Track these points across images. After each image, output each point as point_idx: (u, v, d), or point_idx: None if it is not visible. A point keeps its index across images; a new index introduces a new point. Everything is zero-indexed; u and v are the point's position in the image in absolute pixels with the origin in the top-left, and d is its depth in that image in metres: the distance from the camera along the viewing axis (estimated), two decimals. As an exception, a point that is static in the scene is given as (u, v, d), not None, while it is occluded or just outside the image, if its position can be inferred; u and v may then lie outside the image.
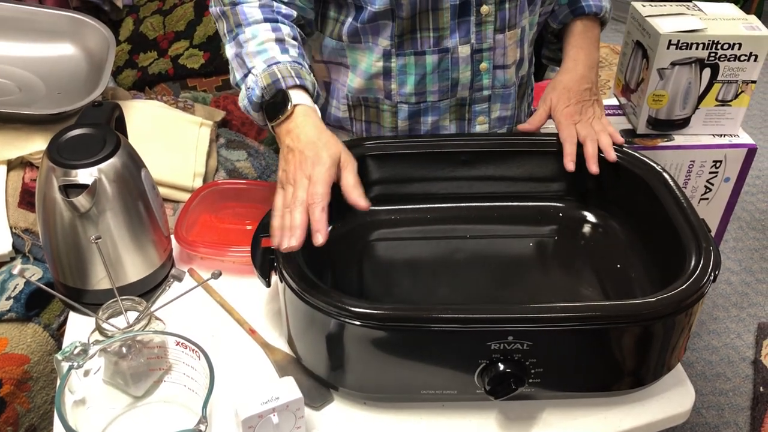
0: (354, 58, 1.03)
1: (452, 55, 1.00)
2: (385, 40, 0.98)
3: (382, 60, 1.00)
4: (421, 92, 1.03)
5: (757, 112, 3.02)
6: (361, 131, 1.10)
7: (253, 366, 0.89)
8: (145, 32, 1.85)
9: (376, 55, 1.00)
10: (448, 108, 1.06)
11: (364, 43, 1.00)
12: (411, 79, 1.02)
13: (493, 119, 1.09)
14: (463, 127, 1.09)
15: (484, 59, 1.02)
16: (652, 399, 0.85)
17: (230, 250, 1.01)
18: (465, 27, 0.98)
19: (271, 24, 0.91)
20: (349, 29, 0.99)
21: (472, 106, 1.06)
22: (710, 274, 0.80)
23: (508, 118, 1.11)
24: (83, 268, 0.92)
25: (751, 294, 2.09)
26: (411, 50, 0.99)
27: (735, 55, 1.37)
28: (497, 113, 1.09)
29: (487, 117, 1.08)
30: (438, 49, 0.99)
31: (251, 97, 0.89)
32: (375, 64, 1.01)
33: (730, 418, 1.72)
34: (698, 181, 1.50)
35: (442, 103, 1.05)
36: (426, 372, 0.79)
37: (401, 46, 0.99)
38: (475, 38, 1.00)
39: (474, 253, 1.00)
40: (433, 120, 1.06)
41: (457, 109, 1.06)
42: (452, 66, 1.01)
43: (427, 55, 0.99)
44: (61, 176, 0.87)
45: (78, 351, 0.76)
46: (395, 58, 1.00)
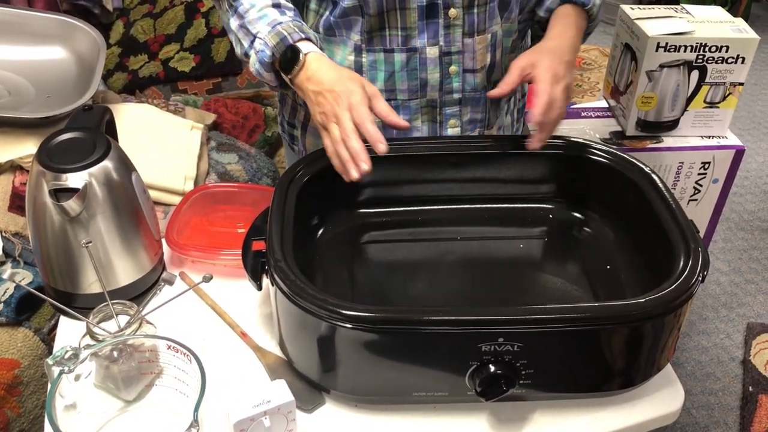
0: (330, 50, 1.05)
1: (420, 55, 1.02)
2: (356, 35, 1.01)
3: (354, 54, 1.03)
4: (391, 89, 1.05)
5: (744, 114, 3.04)
6: None
7: (244, 369, 0.89)
8: (136, 35, 1.85)
9: (349, 49, 1.03)
10: (419, 108, 1.07)
11: (338, 37, 1.04)
12: (381, 75, 1.04)
13: (465, 122, 1.10)
14: (435, 129, 1.10)
15: (453, 62, 1.03)
16: (642, 399, 0.86)
17: (221, 254, 1.01)
18: (433, 28, 1.00)
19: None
20: (326, 23, 1.03)
21: (443, 108, 1.08)
22: (699, 274, 0.80)
23: (479, 122, 1.12)
24: (74, 272, 0.92)
25: (740, 294, 2.11)
26: (380, 47, 1.02)
27: (723, 58, 1.38)
28: (468, 116, 1.10)
29: (458, 120, 1.09)
30: (406, 48, 1.01)
31: (262, 58, 0.93)
32: (347, 58, 1.04)
33: (719, 417, 1.73)
34: (687, 182, 1.51)
35: (412, 102, 1.06)
36: (417, 374, 0.80)
37: (371, 42, 1.02)
38: (444, 41, 1.01)
39: (464, 255, 1.01)
40: (406, 118, 1.07)
41: (428, 110, 1.08)
42: (420, 66, 1.03)
43: (396, 53, 1.02)
44: (52, 180, 0.87)
45: (69, 355, 0.76)
46: (366, 54, 1.02)
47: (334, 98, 0.87)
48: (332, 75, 0.89)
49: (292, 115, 1.18)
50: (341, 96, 0.87)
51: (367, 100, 0.87)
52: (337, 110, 0.87)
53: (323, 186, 0.98)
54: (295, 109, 1.16)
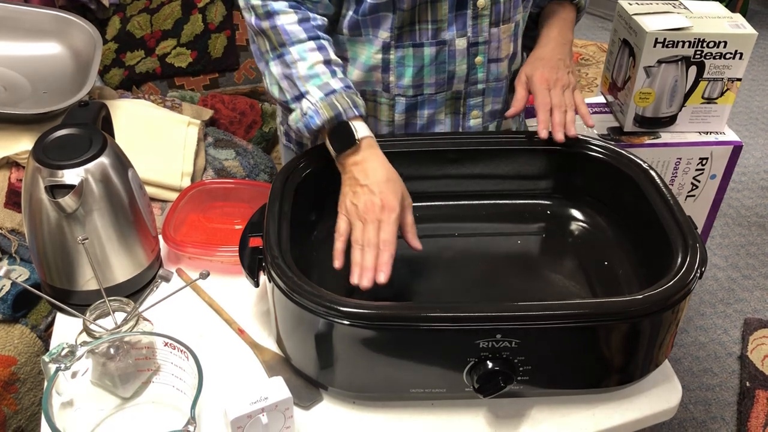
0: (354, 50, 1.04)
1: (449, 47, 1.02)
2: (384, 32, 1.00)
3: (381, 52, 1.02)
4: (419, 84, 1.04)
5: (742, 110, 3.04)
6: None
7: (242, 366, 0.89)
8: (132, 31, 1.84)
9: (376, 48, 1.02)
10: (444, 101, 1.07)
11: (364, 36, 1.02)
12: (409, 71, 1.03)
13: (486, 113, 1.11)
14: (458, 121, 1.10)
15: (479, 53, 1.04)
16: (640, 395, 0.86)
17: (218, 250, 1.01)
18: (462, 20, 1.00)
19: (315, 42, 0.93)
20: (350, 22, 1.01)
21: (467, 99, 1.08)
22: (697, 270, 0.80)
23: (499, 112, 1.13)
24: (70, 268, 0.92)
25: (737, 290, 2.11)
26: (410, 42, 1.01)
27: (721, 53, 1.38)
28: (490, 107, 1.11)
29: (480, 111, 1.10)
30: (436, 42, 1.01)
31: (309, 124, 0.92)
32: (374, 56, 1.02)
33: (717, 413, 1.73)
34: (685, 178, 1.51)
35: (438, 96, 1.06)
36: (415, 371, 0.80)
37: (400, 38, 1.00)
38: (471, 31, 1.01)
39: (462, 251, 1.00)
40: (429, 113, 1.08)
41: (452, 102, 1.08)
42: (449, 59, 1.03)
43: (425, 47, 1.01)
44: (47, 177, 0.87)
45: (65, 353, 0.76)
46: (394, 50, 1.01)
47: (372, 202, 0.87)
48: (380, 175, 0.89)
49: None
50: (377, 206, 0.86)
51: (398, 223, 0.87)
52: (368, 215, 0.86)
53: (320, 182, 0.98)
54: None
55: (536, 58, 1.08)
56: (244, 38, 1.88)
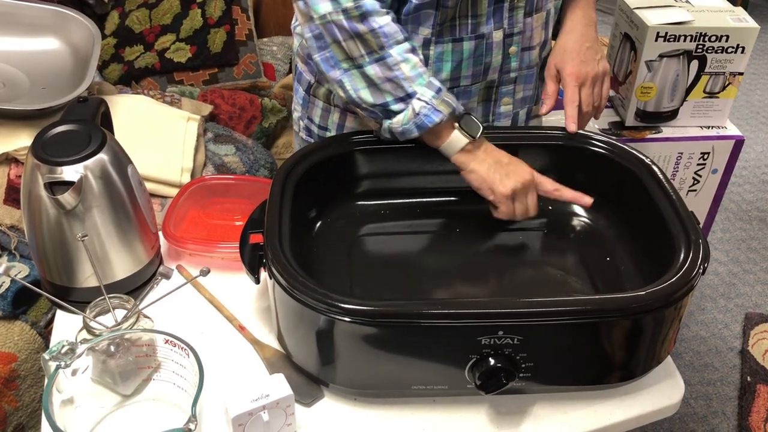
0: None
1: (487, 40, 1.01)
2: (426, 29, 0.99)
3: (422, 48, 1.01)
4: (456, 77, 1.04)
5: (743, 104, 3.03)
6: None
7: (242, 363, 0.89)
8: (131, 26, 1.83)
9: (416, 44, 1.00)
10: (478, 91, 1.07)
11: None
12: (447, 65, 1.02)
13: (517, 100, 1.11)
14: (489, 108, 1.10)
15: (513, 43, 1.04)
16: (642, 392, 0.86)
17: (219, 247, 1.00)
18: (499, 13, 1.00)
19: (409, 43, 0.93)
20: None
21: (500, 87, 1.08)
22: (700, 267, 0.80)
23: (529, 98, 1.13)
24: (70, 266, 0.91)
25: (738, 284, 2.11)
26: (449, 38, 1.00)
27: (722, 47, 1.38)
28: (521, 94, 1.11)
29: (511, 98, 1.10)
30: (475, 36, 1.00)
31: (424, 123, 0.93)
32: None
33: (717, 407, 1.73)
34: (686, 172, 1.50)
35: (473, 86, 1.06)
36: (416, 367, 0.79)
37: (441, 34, 1.00)
38: (507, 23, 1.01)
39: (463, 246, 1.00)
40: (463, 103, 1.06)
41: (485, 91, 1.08)
42: (486, 51, 1.02)
43: (465, 42, 1.00)
44: (47, 173, 0.86)
45: (65, 350, 0.75)
46: (434, 46, 1.01)
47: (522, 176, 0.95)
48: (504, 154, 0.97)
49: (324, 118, 1.13)
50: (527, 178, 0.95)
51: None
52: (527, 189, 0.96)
53: (321, 178, 0.97)
54: (328, 111, 1.12)
55: (564, 49, 1.07)
56: (243, 33, 1.87)
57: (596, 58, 1.07)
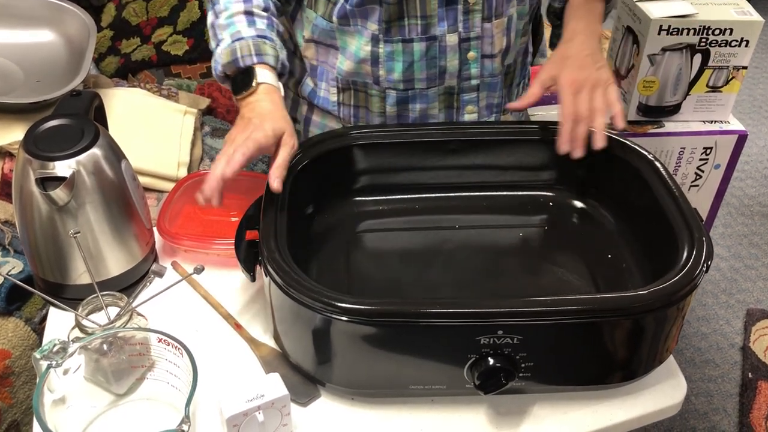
0: (343, 40, 1.02)
1: (440, 43, 0.99)
2: (373, 24, 0.98)
3: (371, 44, 1.00)
4: (409, 79, 1.02)
5: (746, 98, 3.01)
6: (349, 116, 1.09)
7: (238, 362, 0.87)
8: (128, 18, 1.81)
9: (365, 39, 1.00)
10: (437, 96, 1.05)
11: (353, 26, 1.00)
12: (399, 66, 1.01)
13: (482, 107, 1.09)
14: (452, 116, 1.08)
15: (471, 48, 1.01)
16: (644, 392, 0.84)
17: (215, 243, 0.99)
18: (453, 15, 0.97)
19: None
20: (339, 11, 0.99)
21: (461, 95, 1.06)
22: (703, 265, 0.78)
23: (496, 106, 1.11)
24: (63, 262, 0.90)
25: (740, 280, 2.10)
26: (399, 37, 0.99)
27: (726, 41, 1.36)
28: (485, 101, 1.08)
29: (475, 106, 1.08)
30: (426, 37, 0.98)
31: (216, 70, 0.94)
32: (363, 48, 1.00)
33: (719, 404, 1.72)
34: (688, 168, 1.49)
35: (430, 90, 1.04)
36: (415, 367, 0.78)
37: (389, 32, 0.98)
38: (463, 27, 0.99)
39: (463, 243, 0.99)
40: (422, 107, 1.06)
41: (445, 97, 1.05)
42: (440, 54, 1.00)
43: (415, 43, 0.99)
44: (38, 169, 0.85)
45: (57, 349, 0.74)
46: (383, 44, 0.99)
47: (245, 126, 0.87)
48: (264, 109, 0.88)
49: (294, 108, 1.15)
50: (250, 126, 0.86)
51: (266, 143, 0.86)
52: (238, 137, 0.86)
53: (318, 173, 0.96)
54: (297, 102, 1.13)
55: (562, 56, 0.99)
56: (241, 25, 1.86)
57: (596, 65, 0.97)
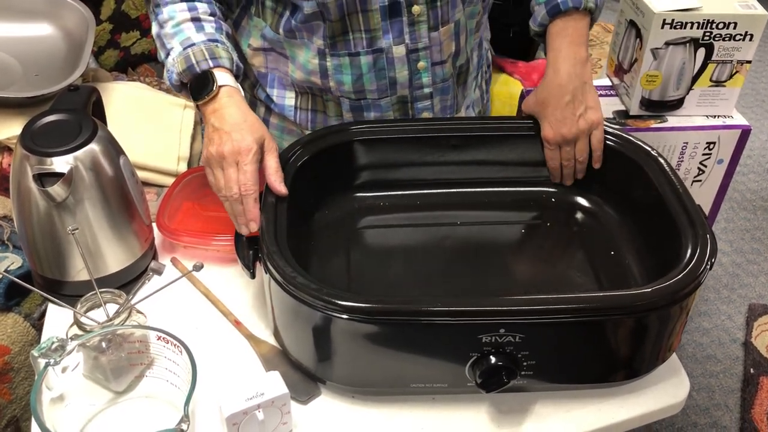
0: (292, 51, 1.02)
1: (387, 55, 0.98)
2: (319, 40, 0.97)
3: (317, 58, 0.99)
4: (360, 90, 1.02)
5: (749, 92, 3.00)
6: (306, 121, 1.08)
7: (238, 359, 0.87)
8: (127, 11, 1.80)
9: (312, 53, 0.99)
10: (390, 106, 1.04)
11: (299, 39, 0.99)
12: (348, 78, 1.00)
13: (437, 112, 1.08)
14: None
15: (420, 58, 1.00)
16: (647, 390, 0.84)
17: (214, 239, 0.98)
18: (398, 27, 0.96)
19: (187, 3, 0.94)
20: (286, 25, 0.99)
21: (415, 103, 1.05)
22: (707, 263, 0.78)
23: (450, 107, 1.10)
24: (61, 259, 0.89)
25: (742, 275, 2.09)
26: (345, 51, 0.98)
27: (730, 35, 1.34)
28: (439, 105, 1.08)
29: (431, 111, 1.07)
30: (372, 50, 0.98)
31: (171, 79, 0.93)
32: (311, 61, 1.00)
33: (720, 399, 1.72)
34: (691, 162, 1.48)
35: (382, 101, 1.03)
36: (416, 365, 0.77)
37: (335, 47, 0.98)
38: (410, 38, 0.98)
39: (464, 239, 0.98)
40: (376, 115, 1.05)
41: (400, 106, 1.05)
42: (388, 65, 0.99)
43: (362, 56, 0.98)
44: (36, 164, 0.84)
45: (55, 347, 0.73)
46: (330, 58, 0.99)
47: (226, 142, 0.85)
48: (236, 117, 0.87)
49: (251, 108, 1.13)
50: (233, 145, 0.84)
51: (257, 162, 0.85)
52: (226, 160, 0.84)
53: (319, 169, 0.95)
54: (255, 104, 1.11)
55: (542, 101, 0.98)
56: (241, 19, 1.84)
57: (576, 114, 0.96)
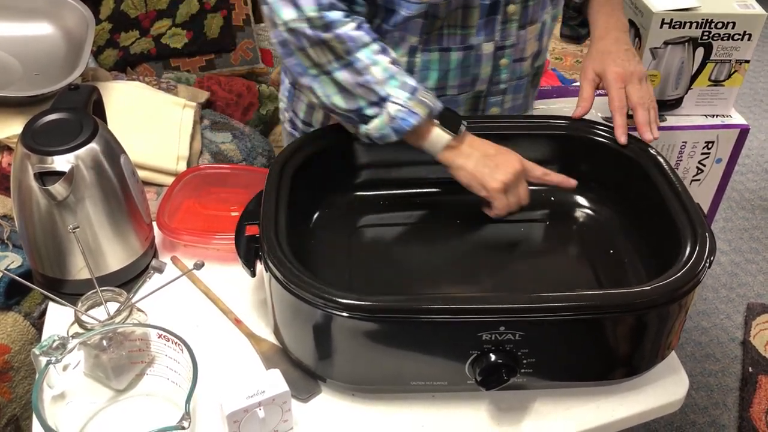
0: None
1: (476, 52, 0.99)
2: (414, 37, 0.96)
3: (407, 55, 0.98)
4: (443, 87, 1.02)
5: (747, 91, 3.00)
6: None
7: (238, 357, 0.87)
8: (126, 11, 1.80)
9: (402, 51, 0.98)
10: (465, 101, 1.05)
11: (389, 38, 0.97)
12: (434, 74, 1.00)
13: (506, 109, 1.09)
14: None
15: (505, 55, 1.01)
16: (646, 387, 0.84)
17: (215, 238, 0.98)
18: (491, 25, 0.97)
19: (378, 44, 0.89)
20: (376, 29, 0.96)
21: (488, 98, 1.06)
22: (706, 261, 0.78)
23: (518, 107, 1.11)
24: (62, 257, 0.89)
25: (740, 274, 2.09)
26: (436, 47, 0.98)
27: (729, 34, 1.35)
28: (510, 104, 1.09)
29: (500, 108, 1.08)
30: (463, 47, 0.98)
31: (402, 127, 0.89)
32: (400, 60, 0.99)
33: (719, 398, 1.72)
34: (690, 162, 1.48)
35: (460, 96, 1.04)
36: (416, 363, 0.78)
37: (428, 42, 0.97)
38: (500, 36, 0.99)
39: (464, 238, 0.98)
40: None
41: (472, 101, 1.05)
42: (475, 62, 1.00)
43: (452, 52, 0.98)
44: (37, 163, 0.84)
45: (56, 345, 0.74)
46: (420, 54, 0.98)
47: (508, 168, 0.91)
48: (490, 145, 0.93)
49: (309, 114, 1.12)
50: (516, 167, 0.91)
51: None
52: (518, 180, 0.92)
53: (319, 168, 0.95)
54: (313, 108, 1.11)
55: (602, 52, 1.03)
56: (240, 18, 1.84)
57: (635, 59, 1.02)
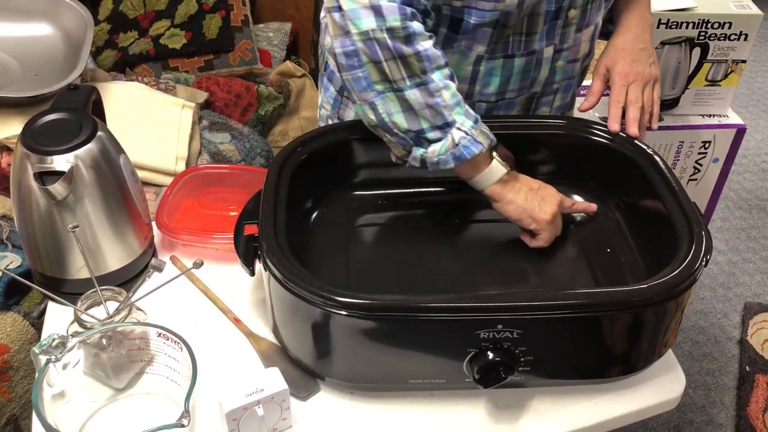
0: None
1: (537, 56, 1.00)
2: (480, 46, 0.96)
3: (473, 64, 0.98)
4: (503, 92, 1.03)
5: (744, 91, 3.01)
6: None
7: (237, 356, 0.87)
8: (125, 11, 1.80)
9: (468, 60, 0.98)
10: (520, 102, 1.06)
11: (455, 48, 0.97)
12: (496, 80, 1.01)
13: (555, 108, 1.10)
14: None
15: (561, 58, 1.02)
16: (643, 385, 0.85)
17: (213, 237, 0.99)
18: (553, 30, 0.98)
19: (449, 69, 0.88)
20: (443, 39, 0.96)
21: (541, 98, 1.06)
22: (702, 259, 0.78)
23: (565, 106, 1.12)
24: (61, 257, 0.90)
25: (737, 274, 2.10)
26: (501, 54, 0.98)
27: (725, 35, 1.36)
28: (559, 102, 1.10)
29: (549, 107, 1.09)
30: (526, 52, 0.98)
31: (462, 154, 0.88)
32: (465, 68, 0.99)
33: (716, 397, 1.73)
34: (687, 161, 1.49)
35: (518, 99, 1.05)
36: (414, 361, 0.78)
37: (494, 51, 0.97)
38: (559, 39, 0.99)
39: (462, 237, 0.99)
40: (504, 113, 1.06)
41: (527, 102, 1.06)
42: (536, 66, 1.01)
43: (516, 58, 0.98)
44: (36, 163, 0.85)
45: (56, 344, 0.74)
46: (485, 62, 0.98)
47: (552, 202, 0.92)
48: (533, 180, 0.94)
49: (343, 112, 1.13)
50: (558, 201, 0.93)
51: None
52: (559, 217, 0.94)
53: (318, 167, 0.96)
54: (347, 105, 1.11)
55: (617, 48, 1.04)
56: (239, 19, 1.85)
57: (648, 60, 1.03)
